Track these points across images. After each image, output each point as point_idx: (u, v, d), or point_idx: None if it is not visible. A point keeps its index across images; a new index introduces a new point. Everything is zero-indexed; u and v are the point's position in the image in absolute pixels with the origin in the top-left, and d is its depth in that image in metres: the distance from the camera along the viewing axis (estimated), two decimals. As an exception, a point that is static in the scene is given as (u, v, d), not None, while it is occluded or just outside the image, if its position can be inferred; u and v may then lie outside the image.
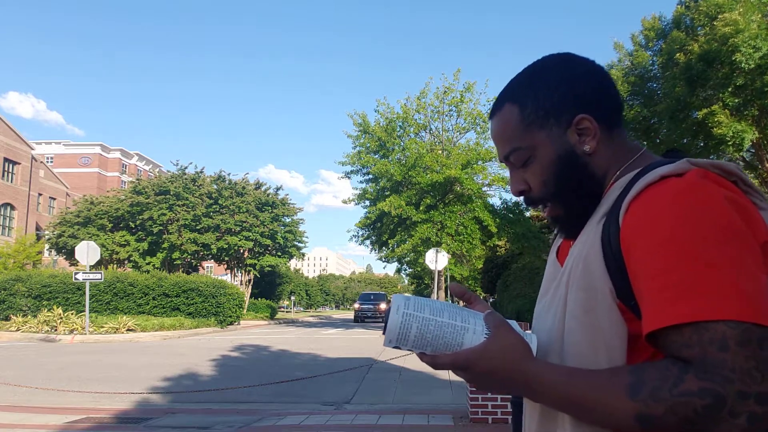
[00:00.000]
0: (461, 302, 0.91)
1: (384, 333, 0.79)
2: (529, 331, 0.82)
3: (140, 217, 30.08)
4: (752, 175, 17.93)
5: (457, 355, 0.76)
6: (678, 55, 13.50)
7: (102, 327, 17.06)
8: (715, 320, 0.64)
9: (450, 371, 0.83)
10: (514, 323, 0.80)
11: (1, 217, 40.25)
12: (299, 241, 35.01)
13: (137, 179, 34.11)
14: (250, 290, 34.01)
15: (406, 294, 0.86)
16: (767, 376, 0.62)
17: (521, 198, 0.93)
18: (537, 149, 0.86)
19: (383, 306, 32.25)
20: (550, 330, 0.83)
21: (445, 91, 22.74)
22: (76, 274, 17.34)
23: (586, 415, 0.71)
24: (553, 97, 0.84)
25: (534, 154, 0.86)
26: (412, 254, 22.93)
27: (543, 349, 0.82)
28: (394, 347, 0.79)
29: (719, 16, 12.23)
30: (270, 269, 35.01)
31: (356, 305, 34.55)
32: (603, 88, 0.86)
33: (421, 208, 21.04)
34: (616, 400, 0.67)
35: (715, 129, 12.74)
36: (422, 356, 0.79)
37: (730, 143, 12.77)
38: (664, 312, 0.67)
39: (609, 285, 0.75)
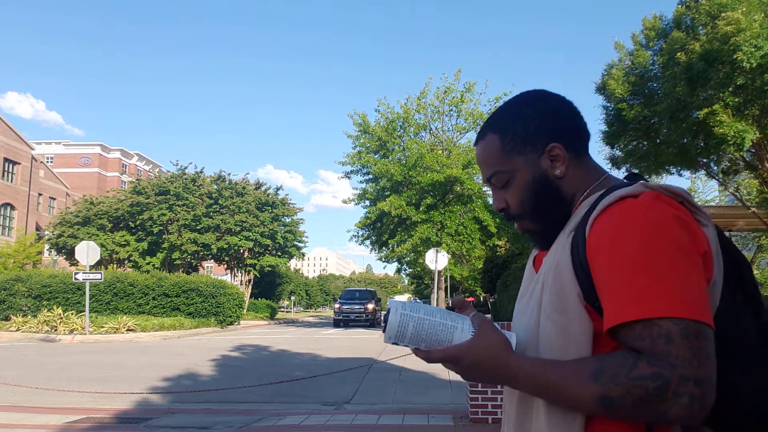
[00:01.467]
0: (456, 310, 1.02)
1: (384, 331, 0.91)
2: (508, 330, 0.94)
3: (140, 217, 30.08)
4: (752, 175, 17.92)
5: (447, 350, 0.89)
6: (679, 54, 13.48)
7: (102, 327, 17.06)
8: (661, 317, 0.76)
9: (447, 369, 0.95)
10: (495, 324, 0.93)
11: (1, 217, 40.24)
12: (299, 241, 35.01)
13: (137, 179, 34.11)
14: (250, 290, 33.99)
15: (402, 299, 0.96)
16: (703, 362, 0.75)
17: (501, 214, 1.07)
18: (515, 173, 1.00)
19: (371, 306, 26.39)
20: (527, 328, 0.95)
21: (446, 91, 22.73)
22: (76, 274, 17.33)
23: (558, 399, 0.84)
24: (529, 128, 0.99)
25: (513, 176, 1.00)
26: (412, 254, 22.92)
27: (522, 345, 0.94)
28: (393, 343, 0.92)
29: (721, 15, 12.20)
30: (270, 269, 34.99)
31: (336, 305, 27.06)
32: (572, 121, 1.01)
33: (421, 208, 21.03)
34: (582, 384, 0.80)
35: (716, 129, 12.71)
36: (417, 351, 0.93)
37: (731, 143, 12.74)
38: (621, 311, 0.79)
39: (577, 289, 0.87)
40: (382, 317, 0.90)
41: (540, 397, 0.87)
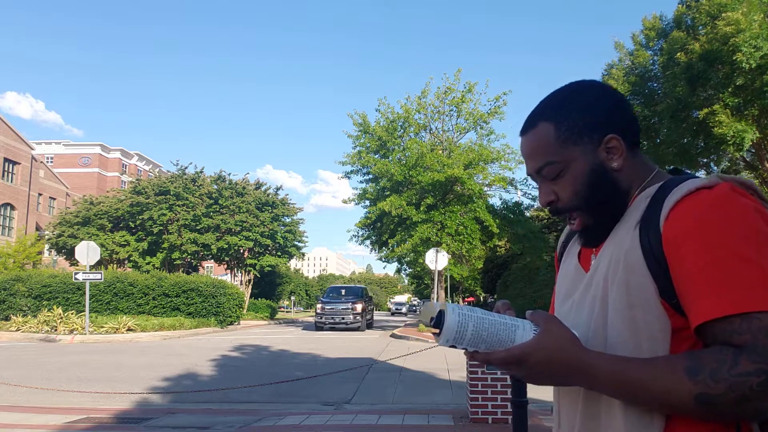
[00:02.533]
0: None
1: (439, 333, 0.83)
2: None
3: (140, 217, 30.07)
4: (752, 175, 17.92)
5: (511, 350, 0.83)
6: (679, 54, 13.48)
7: (102, 327, 17.06)
8: (762, 311, 0.74)
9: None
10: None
11: (1, 217, 40.24)
12: (299, 241, 35.00)
13: (137, 179, 34.11)
14: (250, 290, 33.99)
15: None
16: None
17: (548, 208, 1.02)
18: (570, 164, 0.95)
19: (360, 306, 21.96)
20: (586, 326, 0.92)
21: (446, 91, 22.70)
22: (76, 274, 17.33)
23: (644, 398, 0.79)
24: (586, 118, 0.95)
25: (566, 167, 0.96)
26: (412, 254, 22.89)
27: (583, 342, 0.88)
28: (450, 346, 0.85)
29: (721, 15, 12.21)
30: (270, 269, 34.96)
31: (318, 305, 22.45)
32: (627, 111, 0.98)
33: (421, 208, 21.01)
34: (675, 381, 0.76)
35: (715, 129, 12.72)
36: (474, 355, 0.86)
37: (730, 143, 12.76)
38: (714, 305, 0.76)
39: (653, 285, 0.84)
40: (429, 319, 0.80)
41: (620, 396, 0.82)
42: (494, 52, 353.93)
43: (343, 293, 23.99)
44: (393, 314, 61.01)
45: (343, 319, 21.46)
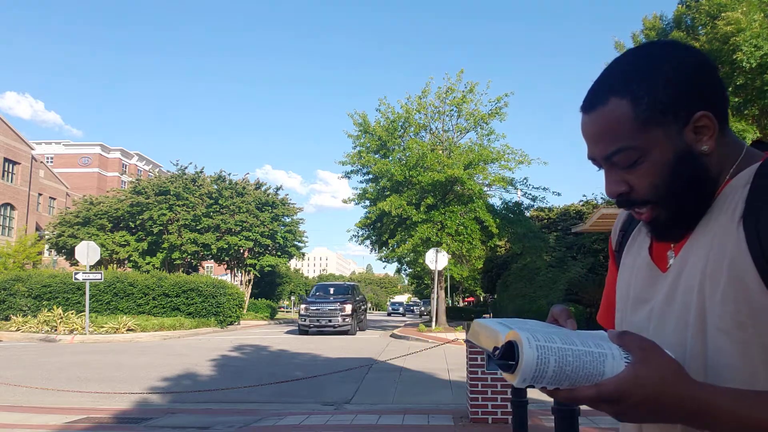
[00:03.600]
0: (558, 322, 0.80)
1: (516, 371, 0.67)
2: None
3: (140, 217, 30.09)
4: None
5: (602, 386, 0.66)
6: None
7: (102, 327, 17.06)
8: None
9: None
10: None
11: (1, 217, 40.24)
12: (299, 241, 35.01)
13: (137, 179, 34.13)
14: (250, 290, 33.99)
15: (515, 319, 0.77)
16: None
17: (615, 199, 0.84)
18: (650, 149, 0.78)
19: (349, 306, 19.52)
20: (678, 346, 0.76)
21: (447, 91, 22.70)
22: (76, 274, 17.33)
23: None
24: (672, 91, 0.76)
25: (646, 153, 0.78)
26: (412, 254, 22.89)
27: None
28: (527, 386, 0.69)
29: (721, 15, 12.22)
30: (270, 269, 34.96)
31: (302, 305, 19.89)
32: (717, 82, 0.80)
33: (421, 208, 21.02)
34: None
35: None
36: (556, 393, 0.69)
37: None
38: None
39: None
40: (491, 348, 0.68)
41: None
42: (494, 52, 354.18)
43: (331, 292, 21.50)
44: (390, 315, 59.75)
45: (330, 321, 19.02)
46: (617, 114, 0.77)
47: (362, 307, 22.45)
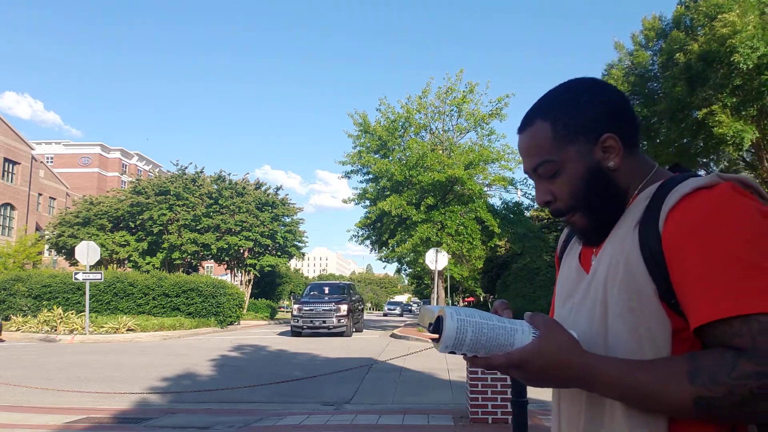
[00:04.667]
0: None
1: (439, 340, 0.83)
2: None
3: (140, 217, 30.09)
4: (752, 174, 17.92)
5: (511, 354, 0.82)
6: (678, 55, 13.49)
7: (102, 327, 17.06)
8: (761, 313, 0.73)
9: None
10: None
11: (1, 217, 40.25)
12: (299, 241, 35.02)
13: (137, 179, 34.13)
14: (250, 290, 33.99)
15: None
16: None
17: (546, 208, 1.00)
18: (566, 163, 0.94)
19: (344, 307, 18.58)
20: (587, 329, 0.91)
21: (447, 91, 22.70)
22: (76, 274, 17.33)
23: (645, 401, 0.79)
24: (582, 117, 0.93)
25: (562, 167, 0.94)
26: (412, 254, 22.90)
27: (584, 346, 0.88)
28: (449, 352, 0.84)
29: (718, 17, 12.21)
30: (270, 269, 34.97)
31: (296, 306, 18.79)
32: (625, 111, 0.96)
33: (421, 208, 21.02)
34: (676, 385, 0.76)
35: (715, 129, 12.73)
36: (474, 360, 0.85)
37: (730, 143, 12.77)
38: (715, 307, 0.76)
39: (652, 286, 0.83)
40: (427, 324, 0.85)
41: (622, 399, 0.82)
42: (494, 52, 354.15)
43: (326, 291, 20.53)
44: (385, 315, 55.22)
45: (324, 322, 18.13)
46: (540, 133, 0.95)
47: (359, 307, 21.99)
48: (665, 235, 0.83)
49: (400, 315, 54.69)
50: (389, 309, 58.47)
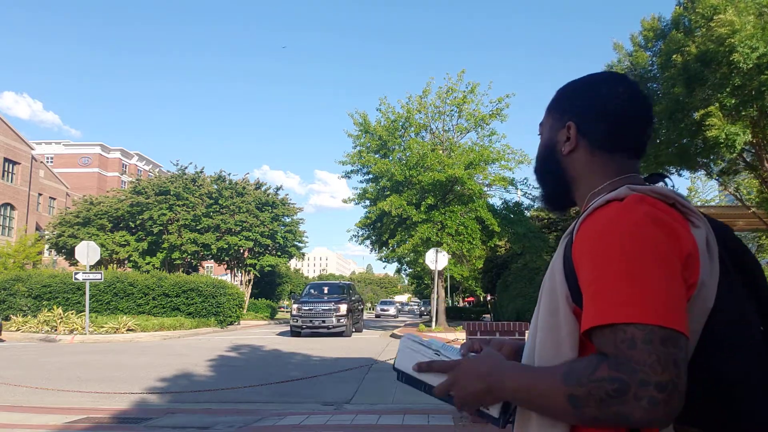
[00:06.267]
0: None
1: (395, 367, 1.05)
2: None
3: (140, 217, 30.11)
4: (752, 175, 17.92)
5: (435, 361, 0.99)
6: (675, 56, 13.49)
7: (102, 327, 17.07)
8: (627, 323, 0.78)
9: None
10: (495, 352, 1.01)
11: (1, 217, 40.26)
12: (299, 241, 35.03)
13: (137, 179, 34.15)
14: (250, 290, 34.01)
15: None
16: (667, 368, 0.75)
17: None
18: (543, 131, 1.11)
19: (344, 306, 18.43)
20: (531, 334, 0.97)
21: (448, 91, 22.70)
22: (76, 274, 17.35)
23: (533, 403, 0.86)
24: (570, 101, 1.05)
25: (543, 132, 1.11)
26: (412, 254, 22.91)
27: (527, 354, 0.97)
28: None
29: (715, 18, 12.20)
30: (270, 269, 34.99)
31: (294, 305, 18.75)
32: (613, 114, 1.00)
33: (421, 208, 21.02)
34: (553, 386, 0.82)
35: (707, 132, 12.73)
36: (419, 366, 1.01)
37: (722, 145, 12.77)
38: (592, 315, 0.82)
39: (566, 290, 0.89)
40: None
41: (521, 403, 0.89)
42: (494, 52, 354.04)
43: (325, 291, 20.40)
44: (378, 317, 46.51)
45: (323, 322, 18.04)
46: (552, 99, 1.11)
47: (359, 307, 21.94)
48: (575, 244, 0.89)
49: (395, 317, 46.84)
50: (382, 309, 48.43)
